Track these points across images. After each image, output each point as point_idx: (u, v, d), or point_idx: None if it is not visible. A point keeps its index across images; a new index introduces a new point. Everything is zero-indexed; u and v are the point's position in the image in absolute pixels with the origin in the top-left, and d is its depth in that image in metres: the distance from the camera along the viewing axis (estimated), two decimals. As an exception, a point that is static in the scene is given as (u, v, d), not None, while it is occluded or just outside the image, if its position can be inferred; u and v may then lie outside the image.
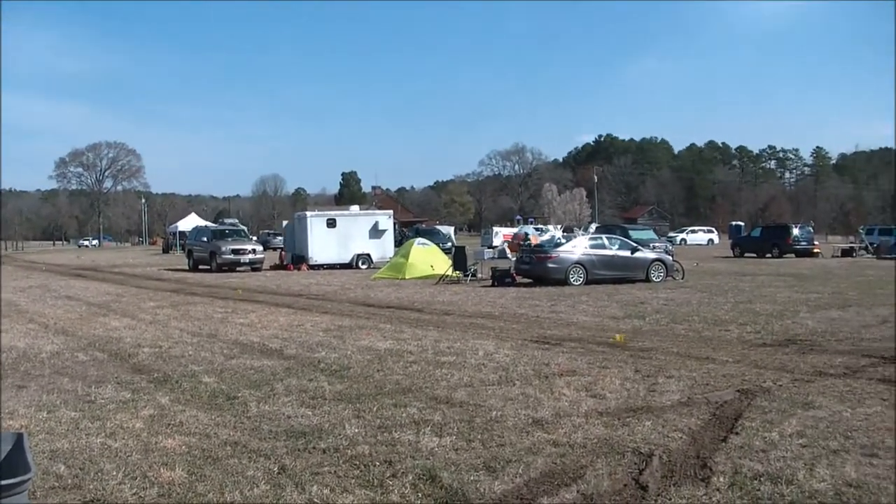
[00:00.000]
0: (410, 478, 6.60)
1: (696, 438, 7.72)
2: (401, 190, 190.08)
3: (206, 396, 9.96)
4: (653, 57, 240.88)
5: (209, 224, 66.38)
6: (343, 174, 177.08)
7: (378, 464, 6.99)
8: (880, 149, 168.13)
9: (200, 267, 42.11)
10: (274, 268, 41.89)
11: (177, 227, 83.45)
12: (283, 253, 44.39)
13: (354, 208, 49.18)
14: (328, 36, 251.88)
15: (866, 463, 6.86)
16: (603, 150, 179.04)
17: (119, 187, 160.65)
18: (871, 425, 8.09)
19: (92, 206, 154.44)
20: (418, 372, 11.42)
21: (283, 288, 28.85)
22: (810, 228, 59.03)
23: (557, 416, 8.64)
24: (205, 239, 43.29)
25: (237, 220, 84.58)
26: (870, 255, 51.44)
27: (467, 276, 30.65)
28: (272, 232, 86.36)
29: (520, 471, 6.75)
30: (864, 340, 14.18)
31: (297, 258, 41.83)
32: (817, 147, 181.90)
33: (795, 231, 52.54)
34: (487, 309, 20.31)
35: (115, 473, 6.81)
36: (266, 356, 13.07)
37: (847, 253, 53.53)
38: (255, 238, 55.17)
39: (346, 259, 41.57)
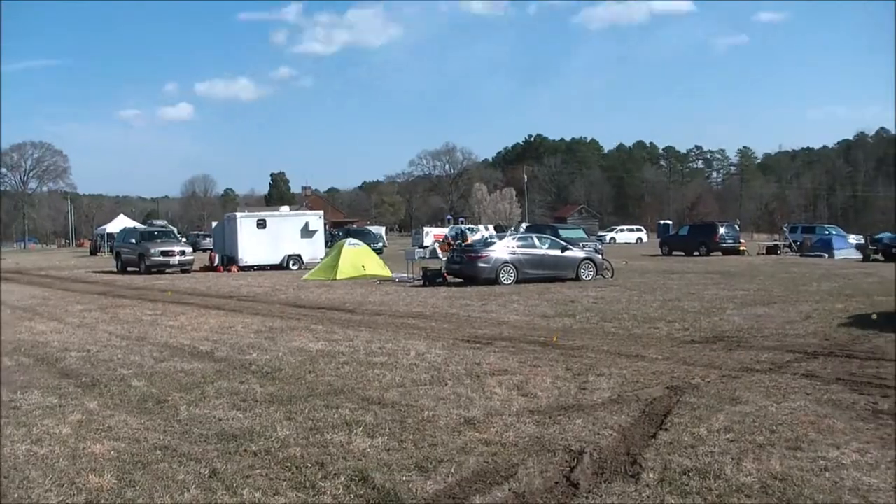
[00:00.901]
0: (342, 479, 6.59)
1: (627, 435, 7.82)
2: (331, 190, 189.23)
3: (135, 400, 9.84)
4: (583, 56, 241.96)
5: (138, 225, 65.45)
6: (272, 175, 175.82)
7: (310, 465, 6.97)
8: (803, 149, 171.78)
9: (129, 269, 41.45)
10: (204, 269, 41.42)
11: (105, 228, 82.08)
12: (212, 254, 43.92)
13: (284, 209, 48.89)
14: (246, 33, 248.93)
15: (791, 456, 7.00)
16: (533, 150, 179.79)
17: (44, 188, 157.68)
18: (795, 419, 8.26)
19: (16, 208, 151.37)
20: (350, 373, 11.40)
21: (213, 290, 28.57)
22: (736, 227, 59.89)
23: (489, 415, 8.69)
24: (133, 241, 42.64)
25: (166, 222, 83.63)
26: (794, 253, 52.39)
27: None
28: (202, 233, 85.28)
29: (452, 470, 6.77)
30: (788, 336, 14.45)
31: (227, 259, 41.43)
32: (743, 147, 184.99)
33: (722, 230, 53.30)
34: (419, 309, 20.32)
35: (41, 481, 6.72)
36: (196, 359, 12.95)
37: (772, 251, 54.52)
38: (184, 239, 54.48)
39: (277, 260, 41.26)
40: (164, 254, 39.94)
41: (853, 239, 58.84)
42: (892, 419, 8.25)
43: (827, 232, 59.75)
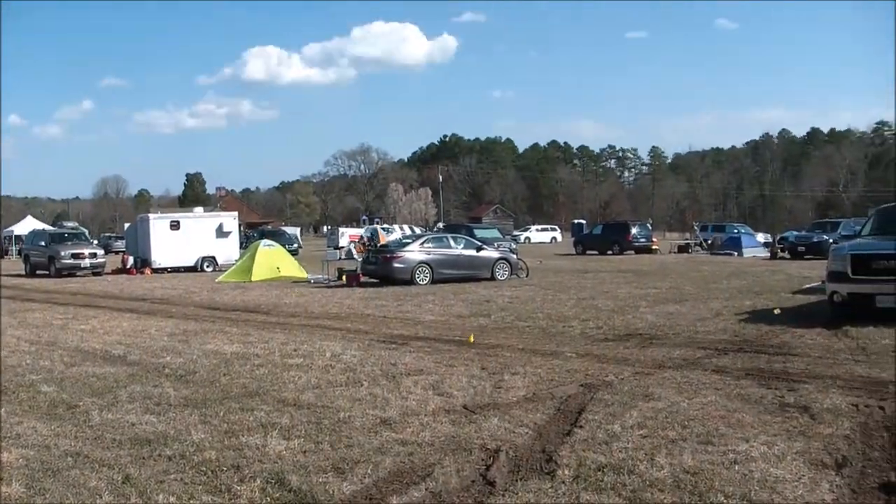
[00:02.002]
0: (259, 482, 6.55)
1: (542, 433, 7.89)
2: (246, 191, 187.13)
3: (45, 406, 9.64)
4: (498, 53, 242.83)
5: (47, 227, 63.96)
6: (187, 175, 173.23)
7: (225, 469, 6.91)
8: (712, 149, 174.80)
9: (38, 272, 40.47)
10: (116, 272, 40.64)
11: (12, 230, 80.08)
12: (125, 256, 43.13)
13: (199, 210, 48.28)
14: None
15: (702, 450, 7.14)
16: (448, 150, 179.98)
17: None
18: (706, 414, 8.43)
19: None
20: (265, 375, 11.32)
21: (125, 292, 28.12)
22: (649, 226, 60.95)
23: (405, 415, 8.70)
24: (42, 243, 41.69)
25: (77, 223, 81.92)
26: (704, 251, 53.28)
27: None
28: (114, 235, 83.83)
29: (368, 471, 6.77)
30: (699, 333, 14.72)
31: (139, 262, 40.75)
32: (654, 147, 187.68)
33: (635, 229, 54.06)
34: (334, 310, 20.27)
35: (-54, 491, 6.56)
36: (109, 363, 12.75)
37: (683, 249, 55.35)
38: (95, 241, 53.59)
39: (191, 262, 40.73)
40: (74, 256, 39.11)
41: (761, 237, 60.18)
42: (798, 412, 8.46)
43: (736, 231, 60.90)
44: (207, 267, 40.51)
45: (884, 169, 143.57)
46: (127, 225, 52.50)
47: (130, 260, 41.52)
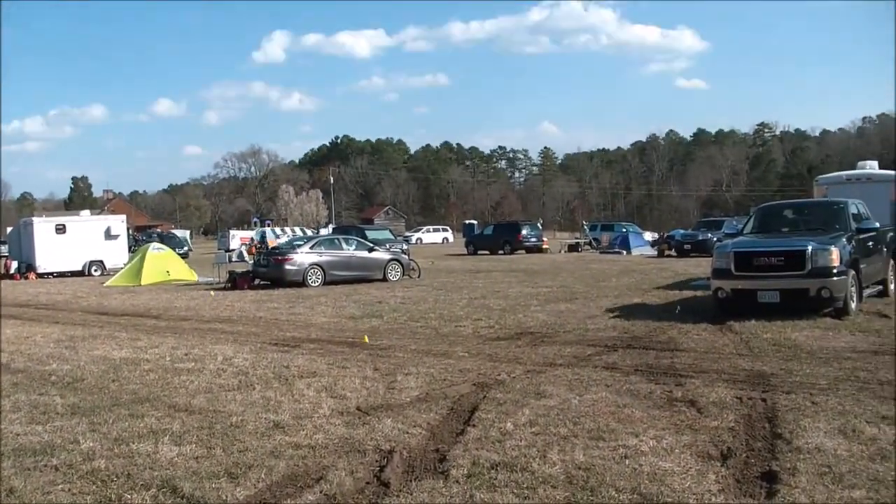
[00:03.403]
0: (151, 490, 6.44)
1: (435, 433, 7.93)
2: (134, 194, 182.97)
3: (-77, 418, 9.34)
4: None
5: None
6: (74, 179, 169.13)
7: (116, 478, 6.78)
8: (599, 149, 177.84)
9: (-88, 280, 39.24)
10: (-2, 278, 39.61)
11: None
12: (8, 262, 41.91)
13: (85, 213, 47.34)
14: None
15: (593, 446, 7.26)
16: (339, 151, 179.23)
17: None
18: (596, 410, 8.57)
19: None
20: (156, 380, 11.14)
21: (8, 299, 27.30)
22: (539, 226, 61.54)
23: (298, 418, 8.66)
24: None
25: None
26: (594, 250, 54.09)
27: None
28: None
29: (262, 475, 6.72)
30: (589, 331, 14.94)
31: (24, 267, 39.65)
32: (545, 147, 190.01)
33: (525, 229, 54.61)
34: (226, 313, 20.03)
35: None
36: (-10, 371, 12.39)
37: (573, 248, 56.10)
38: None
39: (78, 266, 39.82)
40: (-48, 262, 37.99)
41: (648, 236, 61.28)
42: (685, 406, 8.67)
43: (624, 230, 61.89)
44: (95, 271, 39.71)
45: (764, 169, 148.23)
46: (9, 229, 51.05)
47: (14, 265, 40.36)
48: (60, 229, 40.35)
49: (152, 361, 12.74)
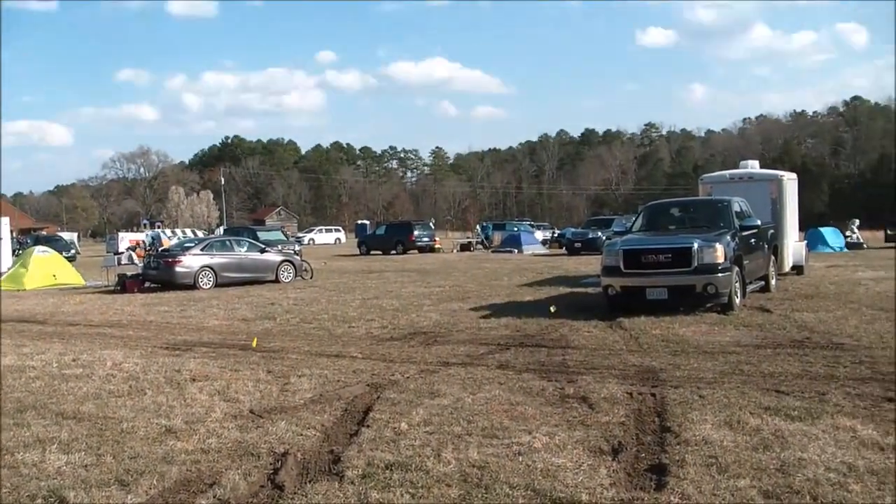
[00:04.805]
0: (37, 501, 6.28)
1: (330, 434, 7.91)
2: (18, 195, 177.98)
3: None
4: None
5: None
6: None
7: (1, 489, 6.59)
8: (490, 150, 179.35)
9: None
10: None
11: None
12: None
13: (-36, 216, 45.79)
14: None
15: (487, 444, 7.31)
16: (230, 152, 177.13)
17: None
18: (490, 409, 8.63)
19: None
20: (42, 388, 10.84)
21: None
22: (431, 225, 61.82)
23: (191, 422, 8.53)
24: None
25: None
26: (486, 249, 54.52)
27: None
28: None
29: (154, 482, 6.61)
30: (482, 330, 15.05)
31: None
32: (437, 147, 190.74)
33: (417, 229, 54.76)
34: (115, 317, 19.62)
35: None
36: None
37: (465, 248, 56.51)
38: None
39: (-43, 271, 38.59)
40: None
41: (539, 235, 61.96)
42: (577, 402, 8.80)
43: (516, 228, 62.54)
44: (-25, 276, 38.47)
45: (652, 168, 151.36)
46: None
47: None
48: (-63, 232, 39.01)
49: (38, 368, 12.39)
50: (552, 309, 16.92)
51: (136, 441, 7.86)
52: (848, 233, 45.54)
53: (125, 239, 67.81)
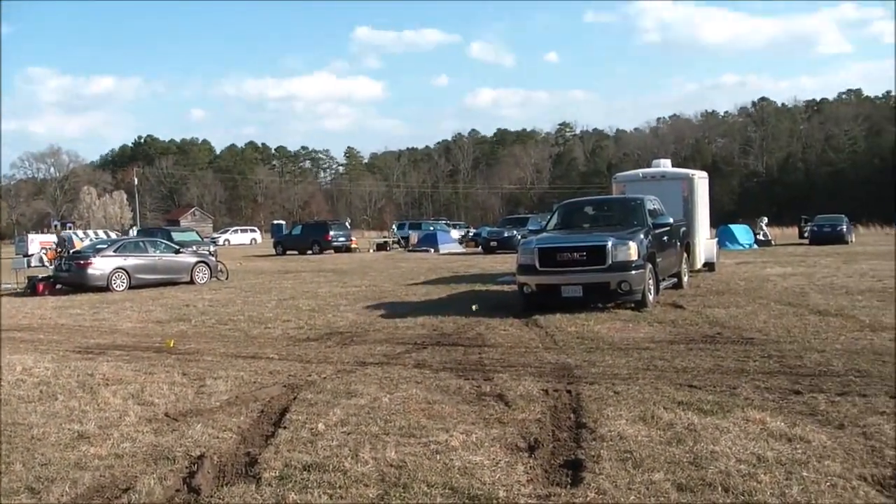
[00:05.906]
0: (-57, 511, 6.15)
1: (246, 436, 7.85)
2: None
3: None
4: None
5: None
6: None
7: None
8: (407, 149, 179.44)
9: None
10: None
11: None
12: None
13: None
14: None
15: (405, 443, 7.33)
16: (143, 152, 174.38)
17: None
18: (407, 408, 8.65)
19: None
20: (-53, 395, 10.59)
21: None
22: (347, 225, 61.71)
23: (104, 427, 8.40)
24: None
25: None
26: (402, 249, 54.56)
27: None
28: None
29: (66, 489, 6.49)
30: (399, 329, 15.05)
31: None
32: (349, 147, 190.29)
33: (333, 229, 54.66)
34: (25, 321, 19.21)
35: None
36: None
37: (382, 247, 56.57)
38: None
39: None
40: None
41: (456, 234, 62.22)
42: (494, 400, 8.85)
43: (432, 228, 62.66)
44: None
45: (566, 167, 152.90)
46: None
47: None
48: None
49: (-57, 374, 12.11)
50: (474, 307, 17.01)
51: (48, 447, 7.71)
52: (757, 230, 46.58)
53: (35, 241, 66.45)
